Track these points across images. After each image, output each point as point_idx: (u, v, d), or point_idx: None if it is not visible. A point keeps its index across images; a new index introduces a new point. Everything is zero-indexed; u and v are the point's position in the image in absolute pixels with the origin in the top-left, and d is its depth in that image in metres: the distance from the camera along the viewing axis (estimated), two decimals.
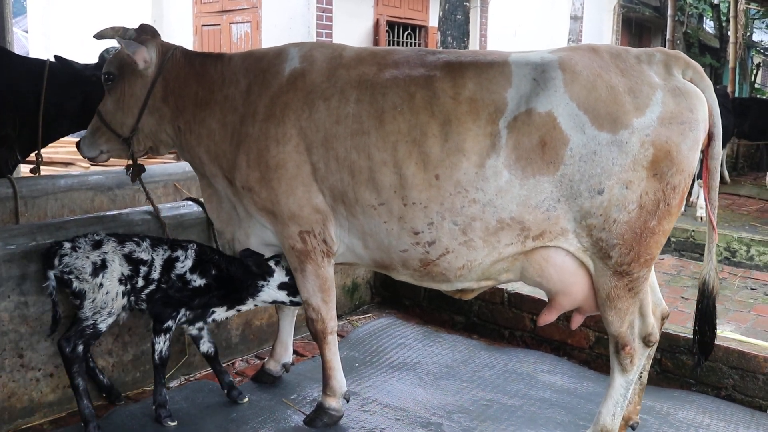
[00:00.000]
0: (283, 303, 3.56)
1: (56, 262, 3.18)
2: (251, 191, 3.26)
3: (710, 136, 2.99)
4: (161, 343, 3.36)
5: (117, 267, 3.24)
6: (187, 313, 3.41)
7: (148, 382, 3.81)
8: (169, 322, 3.37)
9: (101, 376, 3.58)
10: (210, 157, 3.41)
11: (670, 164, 2.80)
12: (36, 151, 4.74)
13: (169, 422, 3.38)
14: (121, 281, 3.24)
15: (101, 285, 3.19)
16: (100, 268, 3.20)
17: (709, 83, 2.98)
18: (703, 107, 2.87)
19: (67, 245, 3.22)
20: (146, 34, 3.47)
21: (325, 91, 3.14)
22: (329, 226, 3.23)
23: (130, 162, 3.70)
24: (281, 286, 3.47)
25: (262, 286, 3.45)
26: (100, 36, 3.40)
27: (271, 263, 3.48)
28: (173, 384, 3.84)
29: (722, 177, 11.37)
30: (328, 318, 3.40)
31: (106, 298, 3.20)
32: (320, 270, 3.31)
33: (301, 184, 3.17)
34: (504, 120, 2.90)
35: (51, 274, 3.18)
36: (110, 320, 3.25)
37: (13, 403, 3.34)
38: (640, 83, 2.84)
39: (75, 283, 3.18)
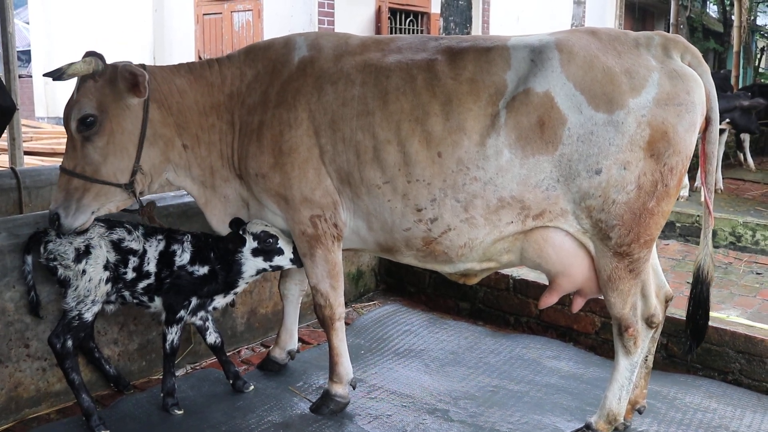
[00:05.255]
0: (265, 270, 3.43)
1: (41, 249, 3.17)
2: (265, 177, 3.25)
3: (707, 121, 3.00)
4: (173, 334, 3.36)
5: (102, 253, 3.19)
6: (195, 302, 3.40)
7: (155, 371, 3.82)
8: (182, 313, 3.36)
9: (107, 366, 3.58)
10: (223, 161, 3.35)
11: (666, 145, 2.82)
12: None
13: (176, 410, 3.39)
14: (106, 268, 3.20)
15: (84, 272, 3.16)
16: (83, 254, 3.16)
17: (707, 68, 2.99)
18: (700, 90, 2.89)
19: (53, 232, 3.19)
20: (102, 60, 3.13)
21: (332, 75, 3.19)
22: (339, 209, 3.24)
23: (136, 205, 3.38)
24: (254, 253, 3.36)
25: (240, 257, 3.36)
26: (61, 75, 2.98)
27: (240, 233, 3.36)
28: (179, 373, 3.83)
29: (747, 163, 11.27)
30: (336, 304, 3.41)
31: (89, 285, 3.17)
32: (330, 255, 3.31)
33: (312, 168, 3.19)
34: (504, 101, 2.94)
35: (28, 258, 3.20)
36: (95, 309, 3.22)
37: (20, 393, 3.35)
38: (637, 65, 2.86)
39: (60, 270, 3.17)
